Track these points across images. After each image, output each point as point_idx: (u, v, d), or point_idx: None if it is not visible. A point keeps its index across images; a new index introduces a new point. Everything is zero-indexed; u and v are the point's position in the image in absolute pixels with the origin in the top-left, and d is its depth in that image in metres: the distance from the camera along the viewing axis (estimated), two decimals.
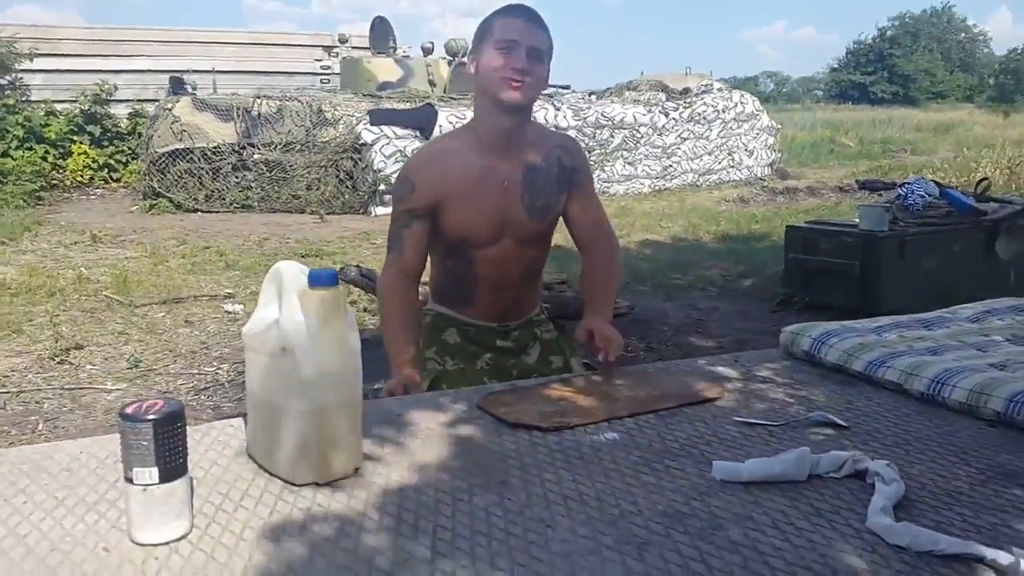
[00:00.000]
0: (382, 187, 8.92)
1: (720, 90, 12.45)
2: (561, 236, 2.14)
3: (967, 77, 55.62)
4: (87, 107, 11.74)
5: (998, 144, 12.38)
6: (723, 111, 12.02)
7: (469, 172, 1.78)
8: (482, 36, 1.76)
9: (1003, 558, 0.91)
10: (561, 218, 1.93)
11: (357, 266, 5.02)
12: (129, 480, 0.96)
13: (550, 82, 1.86)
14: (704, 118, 11.80)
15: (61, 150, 11.47)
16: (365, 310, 4.69)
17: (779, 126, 13.44)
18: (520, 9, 1.75)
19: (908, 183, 5.05)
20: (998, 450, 1.26)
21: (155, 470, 0.95)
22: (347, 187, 9.13)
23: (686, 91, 11.94)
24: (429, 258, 1.94)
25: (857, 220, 4.71)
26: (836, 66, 58.31)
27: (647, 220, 8.49)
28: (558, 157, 1.87)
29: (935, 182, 5.22)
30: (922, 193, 4.85)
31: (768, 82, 69.60)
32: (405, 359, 1.74)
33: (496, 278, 1.87)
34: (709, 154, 11.91)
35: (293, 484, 1.13)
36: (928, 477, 1.16)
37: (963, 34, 59.06)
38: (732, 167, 12.18)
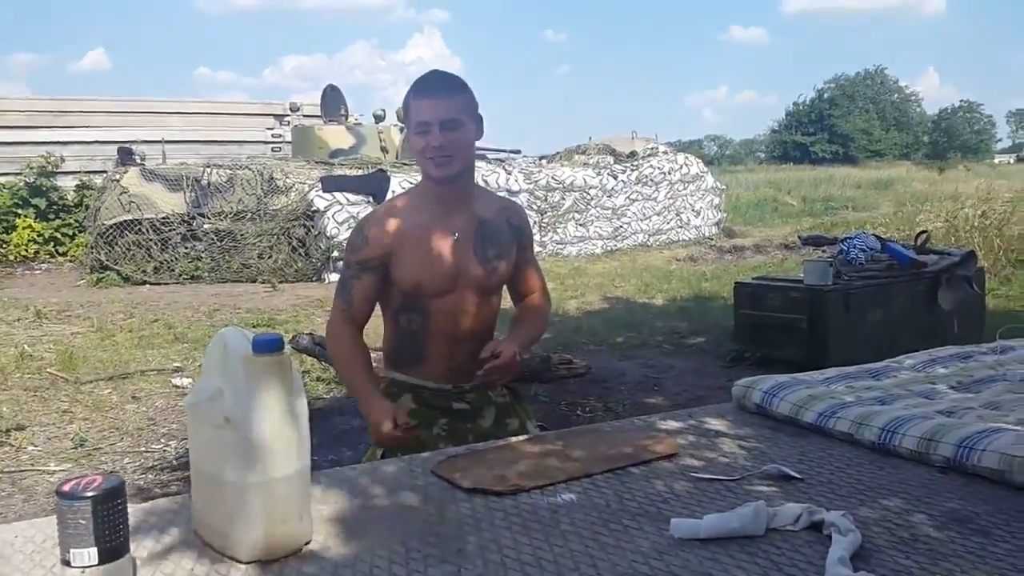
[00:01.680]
0: (335, 254, 8.89)
1: (665, 153, 12.77)
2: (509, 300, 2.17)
3: (902, 135, 57.87)
4: (32, 179, 11.57)
5: (935, 198, 12.83)
6: (669, 173, 12.30)
7: (420, 224, 1.86)
8: (406, 114, 1.86)
9: None
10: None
11: (310, 334, 4.96)
12: (66, 563, 0.92)
13: (501, 147, 1.95)
14: (651, 180, 12.05)
15: (5, 224, 11.24)
16: (318, 379, 4.62)
17: (724, 186, 13.78)
18: (429, 84, 1.82)
19: (850, 238, 5.18)
20: (951, 496, 1.27)
21: (94, 550, 0.91)
22: (300, 254, 9.07)
23: (633, 154, 12.21)
24: (383, 321, 1.97)
25: (802, 275, 4.81)
26: (776, 128, 60.26)
27: (601, 280, 8.57)
28: (507, 218, 1.98)
29: (876, 236, 5.36)
30: (864, 247, 4.98)
31: (712, 145, 71.62)
32: (372, 394, 1.82)
33: (450, 331, 1.89)
34: (658, 215, 12.13)
35: (240, 562, 1.09)
36: (884, 525, 1.16)
37: (896, 95, 61.66)
38: (680, 227, 12.42)
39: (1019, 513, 1.20)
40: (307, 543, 1.14)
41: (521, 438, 1.71)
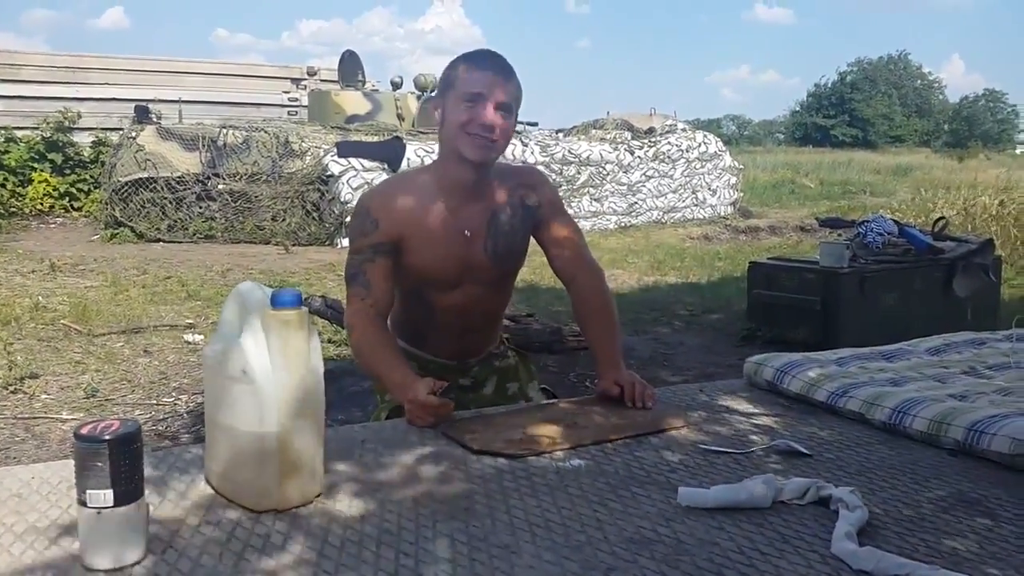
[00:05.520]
0: (349, 219, 8.89)
1: (684, 130, 12.65)
2: (528, 270, 2.12)
3: (923, 122, 57.14)
4: (49, 135, 11.57)
5: (954, 187, 12.71)
6: (687, 151, 12.20)
7: (430, 216, 1.70)
8: (448, 83, 1.66)
9: None
10: (544, 255, 1.86)
11: (322, 297, 4.98)
12: (83, 503, 0.93)
13: (520, 119, 1.78)
14: (668, 157, 11.96)
15: (21, 178, 11.25)
16: (329, 341, 4.64)
17: (741, 166, 13.67)
18: (488, 58, 1.66)
19: (867, 221, 5.14)
20: (959, 478, 1.28)
21: (110, 492, 0.92)
22: (313, 219, 9.07)
23: (651, 131, 12.12)
24: None
25: (818, 257, 4.79)
26: (798, 109, 59.61)
27: (613, 256, 8.54)
28: (521, 197, 1.79)
29: (894, 221, 5.32)
30: (881, 231, 4.94)
31: (730, 124, 70.73)
32: (407, 372, 1.60)
33: (455, 323, 1.81)
34: (673, 192, 12.06)
35: (252, 511, 1.10)
36: (891, 504, 1.17)
37: (919, 81, 60.82)
38: (696, 205, 12.35)
39: None
40: (319, 496, 1.15)
41: (531, 405, 1.72)
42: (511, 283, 1.91)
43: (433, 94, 1.79)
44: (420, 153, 9.24)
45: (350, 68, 12.01)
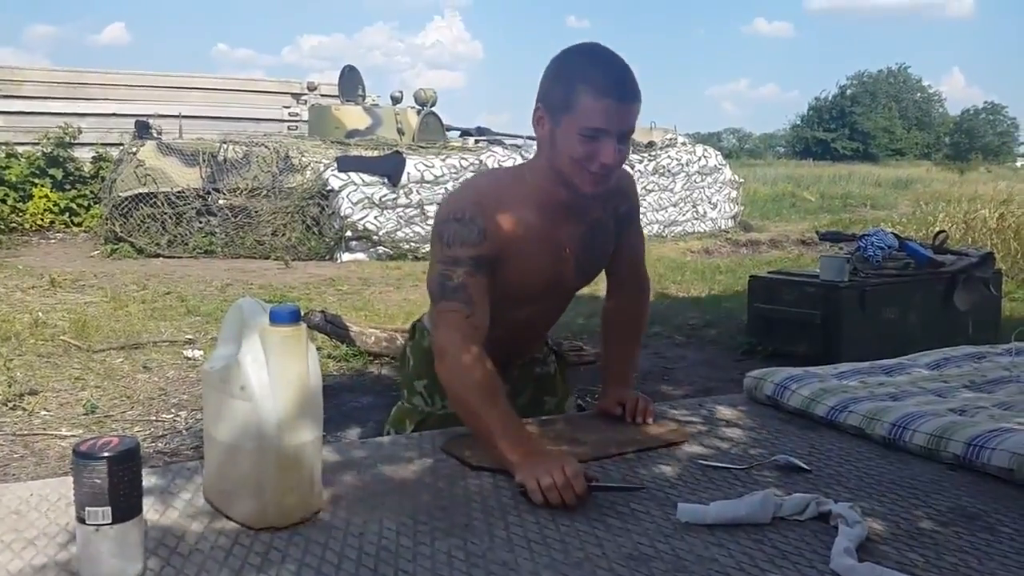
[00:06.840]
0: (349, 233, 8.91)
1: (684, 144, 12.69)
2: None
3: (924, 135, 57.33)
4: (49, 150, 11.60)
5: (955, 200, 12.73)
6: (687, 164, 12.23)
7: (531, 232, 1.54)
8: (563, 103, 1.43)
9: None
10: None
11: (322, 312, 4.99)
12: (81, 520, 0.93)
13: (519, 133, 1.68)
14: (669, 171, 11.99)
15: (21, 193, 11.28)
16: (329, 356, 4.64)
17: (742, 180, 13.70)
18: (618, 81, 1.43)
19: (868, 235, 5.15)
20: (959, 493, 1.27)
21: (108, 509, 0.92)
22: (313, 233, 9.10)
23: (651, 144, 12.15)
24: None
25: (818, 271, 4.79)
26: (798, 122, 59.80)
27: None
28: (615, 207, 1.65)
29: (894, 234, 5.33)
30: (882, 245, 4.95)
31: (731, 138, 70.96)
32: (527, 435, 1.39)
33: (513, 334, 1.69)
34: (674, 206, 12.09)
35: (250, 528, 1.10)
36: (891, 519, 1.17)
37: (919, 94, 61.05)
38: (696, 219, 12.37)
39: None
40: (317, 512, 1.15)
41: (530, 420, 1.71)
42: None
43: (536, 107, 1.47)
44: (420, 167, 9.27)
45: (350, 83, 12.06)
